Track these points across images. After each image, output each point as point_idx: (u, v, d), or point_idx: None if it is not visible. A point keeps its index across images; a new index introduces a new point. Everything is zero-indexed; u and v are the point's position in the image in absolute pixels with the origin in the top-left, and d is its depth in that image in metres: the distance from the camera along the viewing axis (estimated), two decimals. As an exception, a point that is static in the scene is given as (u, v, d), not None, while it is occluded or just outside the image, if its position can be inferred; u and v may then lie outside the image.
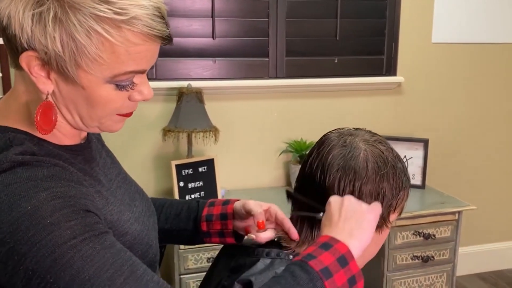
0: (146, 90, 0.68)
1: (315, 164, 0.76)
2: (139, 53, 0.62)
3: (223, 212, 0.88)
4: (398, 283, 1.96)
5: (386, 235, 0.79)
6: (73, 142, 0.71)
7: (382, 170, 0.73)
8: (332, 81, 2.20)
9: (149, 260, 0.73)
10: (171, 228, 0.91)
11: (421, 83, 2.35)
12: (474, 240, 2.63)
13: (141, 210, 0.79)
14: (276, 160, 2.21)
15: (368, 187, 0.73)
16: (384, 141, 0.78)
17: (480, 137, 2.51)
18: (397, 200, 0.75)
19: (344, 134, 0.78)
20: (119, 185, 0.78)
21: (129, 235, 0.70)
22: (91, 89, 0.63)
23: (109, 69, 0.62)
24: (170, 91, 2.00)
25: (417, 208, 1.96)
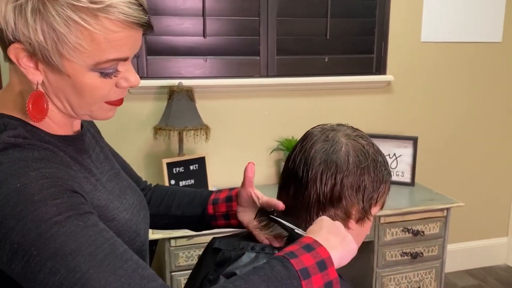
0: (133, 77, 0.70)
1: (298, 158, 0.78)
2: (118, 40, 0.64)
3: (229, 195, 0.93)
4: (387, 279, 1.99)
5: (368, 228, 0.81)
6: (65, 133, 0.74)
7: (363, 163, 0.75)
8: (323, 80, 2.22)
9: (137, 248, 0.75)
10: (183, 214, 0.96)
11: (410, 81, 2.38)
12: (463, 237, 2.66)
13: (132, 203, 0.81)
14: (267, 158, 2.23)
15: (350, 180, 0.75)
16: (365, 136, 0.80)
17: (468, 135, 2.55)
18: (378, 193, 0.77)
19: (326, 129, 0.80)
20: (110, 179, 0.80)
21: (116, 221, 0.72)
22: (76, 77, 0.65)
23: (91, 57, 0.64)
24: (161, 89, 2.01)
25: (406, 205, 1.98)
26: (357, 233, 0.79)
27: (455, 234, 2.55)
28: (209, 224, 0.96)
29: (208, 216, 0.94)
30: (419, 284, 2.04)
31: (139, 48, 0.70)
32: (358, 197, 0.76)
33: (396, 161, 2.24)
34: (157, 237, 1.68)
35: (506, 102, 2.58)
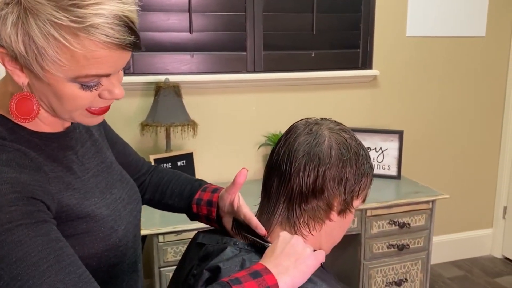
0: (117, 90, 0.70)
1: (282, 151, 0.79)
2: (98, 58, 0.64)
3: (210, 199, 0.93)
4: (374, 271, 2.02)
5: (350, 220, 0.82)
6: (52, 130, 0.75)
7: (345, 156, 0.77)
8: (309, 75, 2.23)
9: (113, 244, 0.76)
10: (173, 204, 0.99)
11: (396, 76, 2.40)
12: (449, 229, 2.71)
13: (117, 197, 0.82)
14: (255, 153, 2.24)
15: (332, 172, 0.76)
16: (347, 130, 0.81)
17: (453, 128, 2.59)
18: (360, 185, 0.79)
19: (310, 123, 0.82)
20: (97, 174, 0.81)
21: (89, 218, 0.74)
22: (56, 86, 0.66)
23: (70, 70, 0.64)
24: (148, 85, 2.00)
25: (392, 197, 2.01)
26: (339, 225, 0.80)
27: (440, 226, 2.60)
28: (195, 219, 0.97)
29: (192, 214, 0.96)
30: (406, 275, 2.07)
31: (125, 64, 0.70)
32: (340, 189, 0.77)
33: (382, 155, 2.26)
34: (145, 233, 1.68)
35: (490, 96, 2.62)
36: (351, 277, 2.05)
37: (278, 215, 0.79)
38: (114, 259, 0.78)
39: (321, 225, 0.79)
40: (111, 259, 0.77)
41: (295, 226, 0.78)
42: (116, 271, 0.80)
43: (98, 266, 0.75)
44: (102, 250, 0.75)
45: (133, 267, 0.86)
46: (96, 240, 0.74)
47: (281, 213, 0.78)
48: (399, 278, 2.06)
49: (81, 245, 0.73)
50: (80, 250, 0.72)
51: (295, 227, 0.78)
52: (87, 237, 0.73)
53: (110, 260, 0.77)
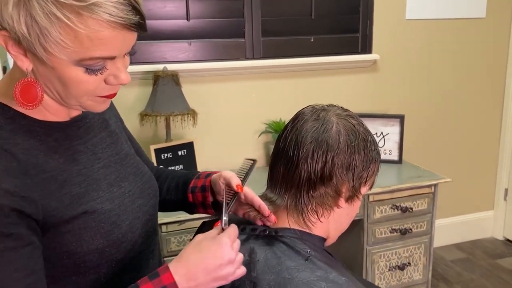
0: (123, 75, 0.69)
1: (289, 137, 0.78)
2: (102, 39, 0.62)
3: (203, 184, 0.91)
4: (377, 256, 2.02)
5: (357, 206, 0.81)
6: (57, 119, 0.74)
7: (353, 142, 0.75)
8: (309, 61, 2.20)
9: (115, 240, 0.75)
10: (171, 199, 0.96)
11: (396, 60, 2.38)
12: (450, 212, 2.71)
13: (126, 191, 0.80)
14: (255, 141, 2.22)
15: (340, 158, 0.75)
16: (355, 116, 0.80)
17: (454, 111, 2.57)
18: (368, 172, 0.78)
19: (317, 109, 0.80)
20: (108, 164, 0.80)
21: (87, 214, 0.72)
22: (60, 70, 0.65)
23: (74, 53, 0.63)
24: (146, 74, 1.98)
25: (394, 182, 2.00)
26: (347, 212, 0.80)
27: (442, 209, 2.60)
28: (193, 211, 0.95)
29: (189, 204, 0.94)
30: (409, 259, 2.07)
31: (130, 47, 0.68)
32: (349, 176, 0.76)
33: (384, 140, 2.25)
34: (148, 223, 1.68)
35: (491, 78, 2.61)
36: (354, 263, 2.06)
37: (285, 202, 0.78)
38: (118, 255, 0.76)
39: (329, 212, 0.78)
40: (114, 255, 0.75)
41: (303, 213, 0.77)
42: (121, 267, 0.78)
43: (99, 262, 0.74)
44: (102, 246, 0.73)
45: (143, 263, 0.84)
46: (96, 236, 0.72)
47: (289, 200, 0.78)
48: (402, 262, 2.06)
49: (79, 241, 0.71)
50: (78, 246, 0.71)
51: (303, 214, 0.77)
52: (85, 233, 0.72)
53: (112, 256, 0.75)
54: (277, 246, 0.74)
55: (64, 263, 0.72)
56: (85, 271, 0.74)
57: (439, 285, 2.36)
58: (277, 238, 0.76)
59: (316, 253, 0.74)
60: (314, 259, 0.71)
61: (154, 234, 0.88)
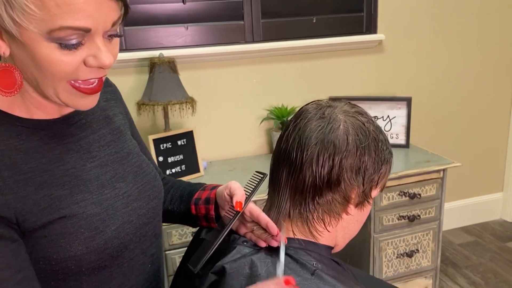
0: (103, 55, 0.62)
1: (291, 138, 0.70)
2: (71, 5, 0.57)
3: (208, 197, 0.85)
4: (385, 244, 1.97)
5: (368, 211, 0.74)
6: (46, 117, 0.70)
7: (363, 142, 0.68)
8: (311, 42, 2.11)
9: (95, 247, 0.69)
10: (173, 209, 0.91)
11: (402, 39, 2.28)
12: (458, 195, 2.65)
13: (121, 193, 0.75)
14: (257, 128, 2.15)
15: (349, 161, 0.67)
16: (364, 112, 0.72)
17: (463, 92, 2.48)
18: (379, 174, 0.71)
19: (322, 106, 0.72)
20: (105, 164, 0.75)
21: (65, 219, 0.67)
22: (32, 46, 0.59)
23: (43, 22, 0.57)
24: (142, 61, 1.90)
25: (401, 168, 1.94)
26: (356, 218, 0.73)
27: (450, 192, 2.54)
28: (196, 223, 0.89)
29: (192, 216, 0.88)
30: (417, 246, 2.02)
31: (113, 21, 0.61)
32: (358, 180, 0.69)
33: (390, 123, 2.18)
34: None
35: (502, 59, 2.50)
36: (362, 251, 2.01)
37: (289, 210, 0.71)
38: (100, 262, 0.70)
39: (337, 220, 0.71)
40: (95, 262, 0.70)
41: (308, 222, 0.70)
42: (106, 274, 0.73)
43: (78, 269, 0.69)
44: (81, 253, 0.68)
45: (136, 269, 0.78)
46: (74, 242, 0.67)
47: (292, 207, 0.71)
48: (410, 249, 2.01)
49: (55, 247, 0.66)
50: (54, 253, 0.66)
51: (308, 222, 0.70)
52: (62, 240, 0.66)
53: (93, 264, 0.70)
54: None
55: (41, 268, 0.67)
56: (64, 277, 0.69)
57: (447, 270, 2.31)
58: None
59: (323, 266, 0.67)
60: (321, 273, 0.65)
61: (153, 238, 0.82)
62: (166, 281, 1.74)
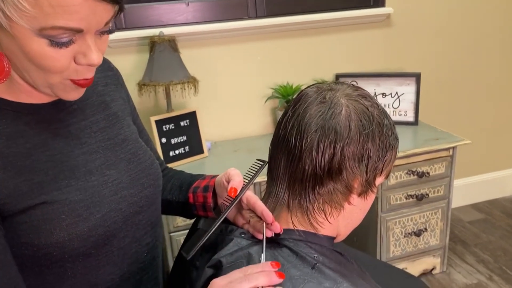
0: (93, 54, 0.61)
1: (290, 124, 0.66)
2: (65, 7, 0.55)
3: (206, 185, 0.83)
4: (392, 223, 1.94)
5: (372, 200, 0.71)
6: (35, 101, 0.68)
7: (367, 128, 0.64)
8: (317, 17, 2.04)
9: (78, 234, 0.67)
10: (172, 199, 0.88)
11: (411, 13, 2.19)
12: (468, 172, 2.61)
13: (110, 180, 0.73)
14: (262, 107, 2.11)
15: (351, 149, 0.63)
16: (368, 95, 0.67)
17: (474, 68, 2.40)
18: (384, 162, 0.66)
19: (323, 89, 0.68)
20: (95, 150, 0.73)
21: (45, 205, 0.65)
22: (22, 40, 0.57)
23: (35, 19, 0.55)
24: (142, 40, 1.85)
25: (410, 146, 1.89)
26: (359, 208, 0.69)
27: (459, 169, 2.49)
28: (193, 213, 0.86)
29: (189, 205, 0.85)
30: (425, 225, 2.00)
31: (107, 21, 0.60)
32: (361, 168, 0.65)
33: (398, 100, 2.12)
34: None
35: (514, 28, 2.41)
36: (369, 230, 1.99)
37: (287, 200, 0.67)
38: (84, 249, 0.69)
39: (339, 211, 0.68)
40: (79, 249, 0.68)
41: (308, 213, 0.67)
42: (93, 262, 0.71)
43: (61, 256, 0.67)
44: (63, 240, 0.66)
45: (127, 257, 0.76)
46: (55, 229, 0.65)
47: (291, 197, 0.67)
48: (418, 228, 1.99)
49: (36, 233, 0.65)
50: (35, 238, 0.65)
51: (308, 213, 0.67)
52: (43, 225, 0.65)
53: (77, 251, 0.68)
54: (278, 251, 0.64)
55: (24, 253, 0.66)
56: (47, 264, 0.68)
57: (456, 248, 2.29)
58: (279, 241, 0.66)
59: (324, 258, 0.64)
60: (322, 266, 0.62)
61: (148, 227, 0.80)
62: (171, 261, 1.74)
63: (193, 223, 0.81)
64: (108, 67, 0.84)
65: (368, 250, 2.02)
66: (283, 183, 0.67)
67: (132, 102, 0.89)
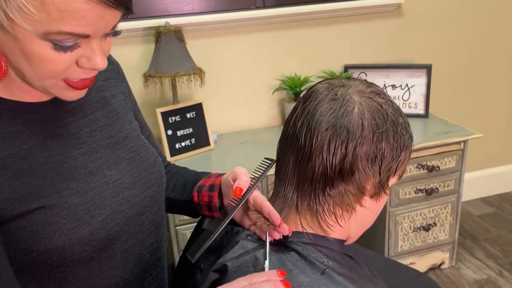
0: (98, 59, 0.59)
1: (299, 121, 0.63)
2: (73, 12, 0.52)
3: (212, 183, 0.80)
4: (401, 217, 1.91)
5: (384, 202, 0.67)
6: (32, 99, 0.66)
7: (381, 127, 0.61)
8: (326, 7, 1.99)
9: (80, 238, 0.65)
10: (175, 197, 0.86)
11: (422, 3, 2.14)
12: (478, 165, 2.56)
13: (111, 180, 0.70)
14: (269, 98, 2.07)
15: (364, 149, 0.60)
16: (382, 91, 0.64)
17: (486, 60, 2.34)
18: (398, 162, 0.63)
19: (334, 85, 0.64)
20: (96, 149, 0.70)
21: (45, 209, 0.63)
22: (24, 42, 0.55)
23: (40, 23, 0.53)
24: (148, 31, 1.82)
25: (420, 140, 1.85)
26: (371, 210, 0.66)
27: (470, 163, 2.45)
28: (197, 212, 0.83)
29: (194, 204, 0.82)
30: (435, 219, 1.96)
31: (113, 25, 0.58)
32: (374, 169, 0.61)
33: (409, 92, 2.08)
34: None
35: (529, 18, 2.34)
36: (377, 224, 1.96)
37: (296, 201, 0.64)
38: (85, 254, 0.66)
39: (350, 213, 0.65)
40: (80, 254, 0.66)
41: (318, 215, 0.64)
42: (96, 266, 0.69)
43: (62, 261, 0.65)
44: (63, 245, 0.64)
45: (131, 260, 0.74)
46: (55, 234, 0.63)
47: (300, 199, 0.64)
48: (427, 223, 1.96)
49: (35, 238, 0.62)
50: (34, 244, 0.62)
51: (318, 215, 0.64)
52: (43, 230, 0.62)
53: (78, 256, 0.66)
54: (286, 255, 0.62)
55: (23, 259, 0.64)
56: (48, 269, 0.66)
57: (465, 242, 2.26)
58: (287, 244, 0.64)
59: (334, 263, 0.61)
60: (331, 272, 0.59)
61: (152, 228, 0.77)
62: (177, 256, 1.73)
63: (197, 223, 0.79)
64: (108, 60, 0.81)
65: (376, 245, 2.00)
66: (291, 183, 0.65)
67: (133, 96, 0.86)
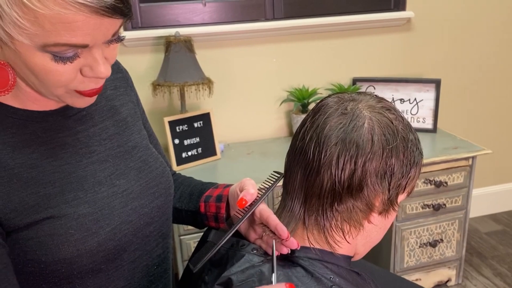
0: (101, 67, 0.58)
1: (308, 135, 0.62)
2: (67, 24, 0.52)
3: (220, 194, 0.79)
4: (407, 233, 1.89)
5: (392, 219, 0.66)
6: (41, 108, 0.66)
7: (391, 143, 0.60)
8: (335, 20, 2.00)
9: (88, 249, 0.64)
10: (181, 207, 0.85)
11: (433, 18, 2.14)
12: (486, 182, 2.54)
13: (120, 190, 0.70)
14: (277, 109, 2.07)
15: (374, 164, 0.59)
16: (392, 107, 0.64)
17: (496, 75, 2.33)
18: (408, 179, 0.63)
19: (344, 99, 0.64)
20: (105, 159, 0.70)
21: (53, 219, 0.62)
22: (25, 55, 0.55)
23: (36, 36, 0.52)
24: (158, 40, 1.83)
25: (428, 155, 1.84)
26: (379, 226, 0.65)
27: (477, 179, 2.43)
28: (204, 223, 0.82)
29: (200, 215, 0.81)
30: (441, 236, 1.94)
31: (114, 32, 0.57)
32: (384, 186, 0.61)
33: (417, 106, 2.07)
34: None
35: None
36: (383, 240, 1.93)
37: (303, 215, 0.64)
38: (93, 265, 0.65)
39: (358, 229, 0.64)
40: (88, 265, 0.65)
41: (325, 230, 0.63)
42: (103, 277, 0.68)
43: (69, 272, 0.64)
44: (71, 256, 0.63)
45: (138, 271, 0.73)
46: (63, 245, 0.62)
47: (308, 214, 0.63)
48: (434, 239, 1.93)
49: (43, 249, 0.62)
50: (42, 255, 0.62)
51: (325, 231, 0.63)
52: (51, 241, 0.62)
53: (86, 267, 0.65)
54: (292, 270, 0.61)
55: (30, 271, 0.63)
56: (55, 281, 0.65)
57: (472, 260, 2.23)
58: (293, 260, 0.63)
59: (341, 280, 0.61)
60: (338, 289, 0.59)
61: (159, 239, 0.77)
62: (181, 267, 1.72)
63: (203, 235, 0.78)
64: (117, 68, 0.81)
65: (382, 260, 1.98)
66: (299, 197, 0.64)
67: (141, 105, 0.86)
